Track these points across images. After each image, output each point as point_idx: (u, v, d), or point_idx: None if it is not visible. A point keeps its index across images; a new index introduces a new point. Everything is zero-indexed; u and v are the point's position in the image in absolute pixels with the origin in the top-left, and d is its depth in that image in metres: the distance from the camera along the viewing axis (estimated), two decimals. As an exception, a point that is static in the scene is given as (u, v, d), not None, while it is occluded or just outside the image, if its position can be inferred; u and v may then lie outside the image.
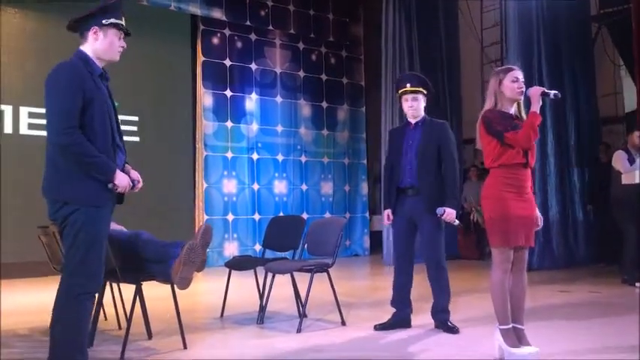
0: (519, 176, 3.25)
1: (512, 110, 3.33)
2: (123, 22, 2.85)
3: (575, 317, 4.43)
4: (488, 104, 3.34)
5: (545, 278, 6.56)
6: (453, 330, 3.96)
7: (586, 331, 3.93)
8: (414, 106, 4.13)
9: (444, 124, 4.20)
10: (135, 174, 2.89)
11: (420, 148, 4.08)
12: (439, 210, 3.92)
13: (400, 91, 4.21)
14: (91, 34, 2.78)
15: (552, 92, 3.27)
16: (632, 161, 6.06)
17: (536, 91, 3.25)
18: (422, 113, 4.18)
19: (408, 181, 4.11)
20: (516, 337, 3.22)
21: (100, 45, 2.79)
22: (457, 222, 4.02)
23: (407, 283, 4.14)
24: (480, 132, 3.33)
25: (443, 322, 4.02)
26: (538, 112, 3.20)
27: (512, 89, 3.27)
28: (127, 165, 2.92)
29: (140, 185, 2.88)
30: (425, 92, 4.15)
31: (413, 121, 4.20)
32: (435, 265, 4.06)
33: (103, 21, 2.77)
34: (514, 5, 7.76)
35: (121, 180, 2.73)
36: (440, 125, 4.16)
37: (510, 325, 3.23)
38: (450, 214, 3.93)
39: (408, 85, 4.15)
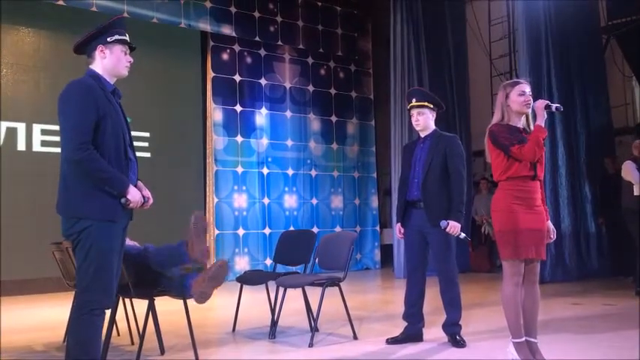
0: (528, 188, 3.25)
1: (521, 123, 3.34)
2: (127, 38, 2.91)
3: (589, 330, 4.39)
4: (496, 118, 3.35)
5: (558, 291, 6.51)
6: (459, 344, 3.95)
7: (600, 344, 3.89)
8: (419, 120, 4.18)
9: (453, 137, 4.22)
10: (147, 192, 2.92)
11: (426, 162, 4.11)
12: (443, 223, 3.91)
13: (408, 107, 4.29)
14: (97, 53, 2.85)
15: (554, 105, 3.27)
16: (642, 170, 6.01)
17: (540, 104, 3.26)
18: (430, 127, 4.21)
19: (415, 195, 4.13)
20: (529, 351, 3.20)
21: (108, 62, 2.86)
22: (463, 235, 3.95)
23: (419, 296, 4.13)
24: (488, 146, 3.35)
25: (452, 336, 4.02)
26: (543, 125, 3.21)
27: (519, 103, 3.29)
28: (139, 182, 2.96)
29: (150, 203, 2.91)
30: (431, 106, 4.19)
31: (422, 135, 4.24)
32: (446, 279, 4.06)
33: (108, 39, 2.84)
34: (522, 17, 7.79)
35: (134, 195, 2.76)
36: (448, 138, 4.18)
37: (523, 339, 3.21)
38: (453, 226, 3.91)
39: (414, 100, 4.21)
